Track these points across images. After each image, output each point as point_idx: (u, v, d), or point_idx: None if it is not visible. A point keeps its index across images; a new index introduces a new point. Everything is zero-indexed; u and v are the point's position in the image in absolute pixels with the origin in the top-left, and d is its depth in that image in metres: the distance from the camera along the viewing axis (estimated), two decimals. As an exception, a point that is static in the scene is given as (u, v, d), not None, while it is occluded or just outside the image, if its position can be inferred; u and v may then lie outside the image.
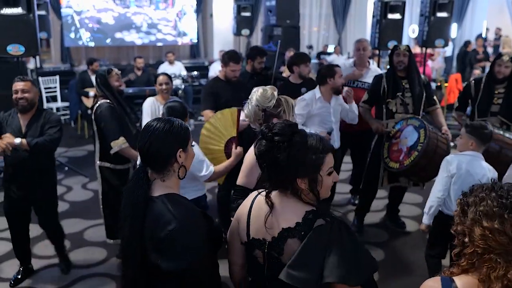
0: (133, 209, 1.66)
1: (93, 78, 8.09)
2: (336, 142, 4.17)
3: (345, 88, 4.27)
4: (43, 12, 8.50)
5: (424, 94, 4.27)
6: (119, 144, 3.60)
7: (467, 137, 3.12)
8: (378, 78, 4.39)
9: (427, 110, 4.39)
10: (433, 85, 10.23)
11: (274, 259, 1.67)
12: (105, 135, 3.68)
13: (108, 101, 3.71)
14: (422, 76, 4.41)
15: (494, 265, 1.38)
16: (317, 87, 4.18)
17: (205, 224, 1.74)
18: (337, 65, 4.24)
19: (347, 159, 5.08)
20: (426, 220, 3.28)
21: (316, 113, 4.12)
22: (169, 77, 4.59)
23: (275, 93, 2.57)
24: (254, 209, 1.76)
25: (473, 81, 4.47)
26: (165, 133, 1.71)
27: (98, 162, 3.83)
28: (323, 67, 4.31)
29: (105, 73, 3.81)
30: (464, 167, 3.08)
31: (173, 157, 1.72)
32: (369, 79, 4.73)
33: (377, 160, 4.31)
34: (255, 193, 1.85)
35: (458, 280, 1.43)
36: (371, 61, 4.99)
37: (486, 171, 3.09)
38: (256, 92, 2.58)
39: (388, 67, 4.47)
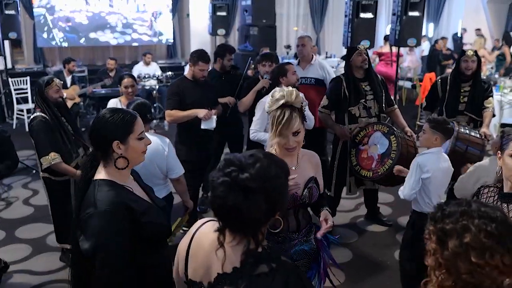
0: (76, 188, 1.83)
1: (68, 79, 7.90)
2: None
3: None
4: (12, 12, 8.27)
5: (384, 95, 4.22)
6: (48, 160, 3.49)
7: (432, 133, 3.12)
8: (337, 82, 4.24)
9: (386, 111, 4.29)
10: (408, 84, 10.29)
11: None
12: (36, 150, 3.58)
13: (43, 114, 3.56)
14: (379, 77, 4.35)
15: None
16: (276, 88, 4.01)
17: (125, 215, 1.71)
18: (289, 63, 4.13)
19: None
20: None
21: None
22: (134, 78, 4.50)
23: (281, 101, 2.15)
24: (193, 244, 1.47)
25: (439, 80, 4.47)
26: (102, 122, 1.81)
27: (41, 173, 3.70)
28: (275, 67, 4.23)
29: (43, 83, 3.61)
30: (435, 166, 3.09)
31: (109, 146, 1.79)
32: (311, 74, 4.87)
33: (344, 169, 4.24)
34: (199, 222, 1.54)
35: None
36: (318, 56, 4.99)
37: (449, 162, 3.17)
38: None
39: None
